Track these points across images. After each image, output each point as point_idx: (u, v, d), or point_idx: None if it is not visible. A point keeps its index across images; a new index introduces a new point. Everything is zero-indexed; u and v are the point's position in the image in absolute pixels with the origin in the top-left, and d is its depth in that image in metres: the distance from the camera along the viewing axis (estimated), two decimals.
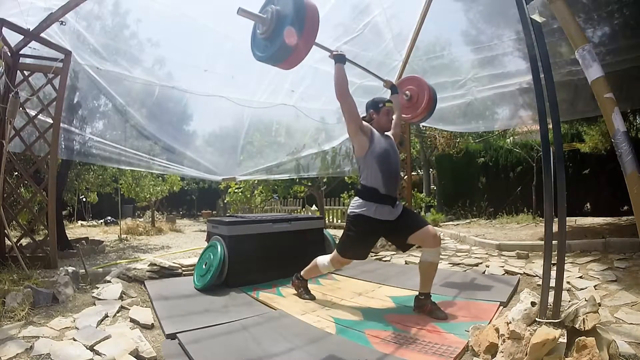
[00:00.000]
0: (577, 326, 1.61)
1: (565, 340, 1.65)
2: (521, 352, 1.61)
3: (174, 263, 3.71)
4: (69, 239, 6.32)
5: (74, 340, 1.98)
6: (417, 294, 2.59)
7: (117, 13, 4.05)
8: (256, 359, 1.87)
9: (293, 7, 1.98)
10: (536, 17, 1.95)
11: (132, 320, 2.37)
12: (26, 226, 4.01)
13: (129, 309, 2.55)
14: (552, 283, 1.86)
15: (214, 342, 2.05)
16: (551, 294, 1.85)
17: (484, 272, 3.65)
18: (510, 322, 1.74)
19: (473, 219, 9.30)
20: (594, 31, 3.76)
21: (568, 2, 1.81)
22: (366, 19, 4.55)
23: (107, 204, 12.99)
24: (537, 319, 1.83)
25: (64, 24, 3.39)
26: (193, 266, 3.59)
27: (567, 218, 1.99)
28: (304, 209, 11.82)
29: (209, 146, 5.33)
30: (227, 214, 11.66)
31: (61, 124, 3.65)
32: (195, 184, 16.78)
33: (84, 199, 11.81)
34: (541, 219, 7.09)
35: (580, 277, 3.10)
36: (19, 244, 3.38)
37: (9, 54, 3.25)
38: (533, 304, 1.87)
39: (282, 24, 2.01)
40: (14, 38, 3.25)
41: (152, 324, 2.35)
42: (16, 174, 4.59)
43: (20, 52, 3.38)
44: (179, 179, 11.67)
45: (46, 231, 3.59)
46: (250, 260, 3.40)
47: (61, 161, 5.30)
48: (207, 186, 16.74)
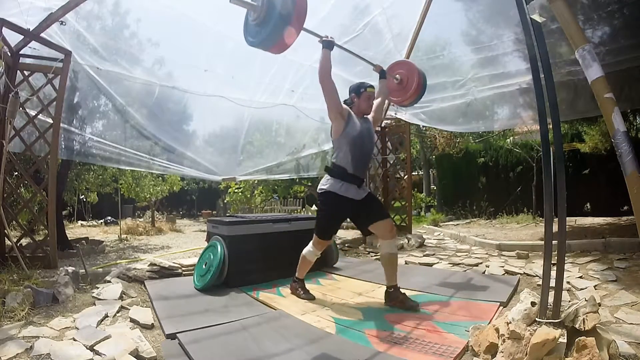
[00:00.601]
0: (577, 326, 1.61)
1: (565, 340, 1.65)
2: (521, 352, 1.61)
3: (174, 263, 3.71)
4: (69, 239, 6.32)
5: (74, 340, 1.98)
6: (385, 288, 2.72)
7: (117, 13, 4.06)
8: (256, 359, 1.87)
9: None
10: (536, 17, 1.95)
11: (132, 320, 2.36)
12: (26, 226, 4.01)
13: (129, 309, 2.55)
14: (552, 283, 1.86)
15: (214, 342, 2.05)
16: (551, 294, 1.85)
17: (484, 272, 3.65)
18: (510, 322, 1.74)
19: (473, 219, 9.31)
20: (593, 31, 3.76)
21: (568, 2, 1.81)
22: (366, 19, 4.56)
23: (107, 204, 12.98)
24: (537, 319, 1.82)
25: (64, 24, 3.39)
26: (193, 266, 3.59)
27: (567, 218, 1.99)
28: (304, 209, 11.82)
29: (209, 146, 5.33)
30: (227, 214, 11.66)
31: (61, 124, 3.65)
32: (195, 184, 16.78)
33: (84, 199, 11.81)
34: (541, 219, 7.10)
35: (580, 277, 3.10)
36: (19, 244, 3.38)
37: (9, 54, 3.24)
38: (533, 304, 1.87)
39: (272, 10, 2.12)
40: (14, 38, 3.25)
41: (152, 324, 2.35)
42: (16, 174, 4.59)
43: (20, 52, 3.37)
44: (179, 179, 11.66)
45: (46, 231, 3.59)
46: (250, 260, 3.40)
47: (61, 161, 5.30)
48: (207, 186, 16.75)
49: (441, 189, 11.73)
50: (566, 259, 2.10)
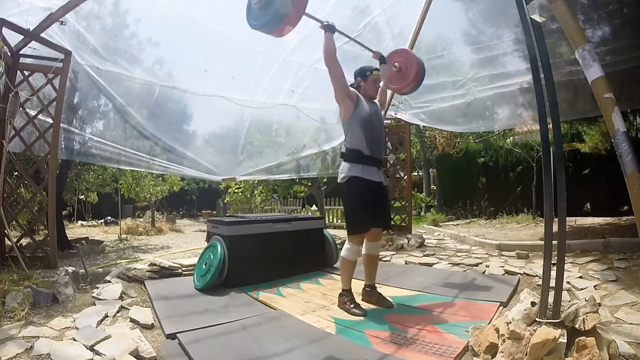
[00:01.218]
0: (577, 326, 1.61)
1: (565, 340, 1.65)
2: (521, 352, 1.61)
3: (174, 263, 3.71)
4: (69, 239, 6.32)
5: (74, 340, 1.98)
6: (363, 286, 2.79)
7: (117, 13, 4.05)
8: (256, 359, 1.87)
9: None
10: (536, 17, 1.95)
11: (132, 320, 2.37)
12: (26, 226, 4.01)
13: (129, 309, 2.55)
14: (552, 283, 1.86)
15: (214, 342, 2.05)
16: (551, 294, 1.85)
17: (484, 272, 3.65)
18: (510, 322, 1.74)
19: (473, 219, 9.31)
20: (593, 31, 3.76)
21: (568, 2, 1.81)
22: (366, 19, 4.55)
23: (107, 204, 12.97)
24: (537, 319, 1.83)
25: (64, 24, 3.39)
26: (193, 266, 3.59)
27: (567, 218, 1.99)
28: (304, 209, 11.82)
29: (209, 146, 5.33)
30: (227, 214, 11.66)
31: (61, 124, 3.65)
32: (195, 184, 16.78)
33: (84, 199, 11.81)
34: (541, 219, 7.10)
35: (580, 277, 3.10)
36: (19, 244, 3.38)
37: (9, 54, 3.24)
38: (533, 304, 1.87)
39: None
40: (14, 38, 3.25)
41: (152, 324, 2.35)
42: (16, 174, 4.59)
43: (20, 52, 3.37)
44: (179, 179, 11.67)
45: (46, 231, 3.59)
46: (250, 260, 3.40)
47: (61, 161, 5.30)
48: (207, 186, 16.74)
49: (441, 189, 11.73)
50: (566, 259, 2.10)
